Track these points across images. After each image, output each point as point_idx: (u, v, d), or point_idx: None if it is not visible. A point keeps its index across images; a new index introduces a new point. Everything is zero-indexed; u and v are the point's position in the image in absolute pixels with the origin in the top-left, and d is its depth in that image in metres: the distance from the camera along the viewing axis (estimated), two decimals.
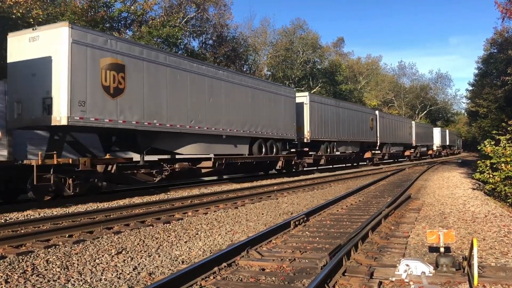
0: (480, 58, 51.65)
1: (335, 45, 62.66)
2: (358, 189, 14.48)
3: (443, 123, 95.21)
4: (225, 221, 9.02)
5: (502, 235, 7.25)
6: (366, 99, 64.68)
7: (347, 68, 59.80)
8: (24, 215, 9.62)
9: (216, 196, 13.13)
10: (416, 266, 4.86)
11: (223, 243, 6.94)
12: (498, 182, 13.82)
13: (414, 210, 10.14)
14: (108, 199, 12.28)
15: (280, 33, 49.05)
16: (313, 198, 13.02)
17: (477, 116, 51.03)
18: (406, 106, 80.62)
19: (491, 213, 9.71)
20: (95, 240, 7.08)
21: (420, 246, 6.51)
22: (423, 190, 15.10)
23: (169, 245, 6.81)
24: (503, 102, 38.38)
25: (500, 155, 13.96)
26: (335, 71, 52.80)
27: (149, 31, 22.63)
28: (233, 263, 5.49)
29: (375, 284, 4.62)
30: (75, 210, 10.28)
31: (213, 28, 36.66)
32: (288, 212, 10.29)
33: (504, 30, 36.46)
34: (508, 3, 21.96)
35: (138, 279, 5.10)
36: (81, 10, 21.59)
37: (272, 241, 6.79)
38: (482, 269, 4.98)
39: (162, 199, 12.35)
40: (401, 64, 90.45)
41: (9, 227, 7.82)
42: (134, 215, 9.28)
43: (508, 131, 14.68)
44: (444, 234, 5.35)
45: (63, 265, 5.61)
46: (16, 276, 5.11)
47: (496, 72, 40.64)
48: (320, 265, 5.20)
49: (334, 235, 7.35)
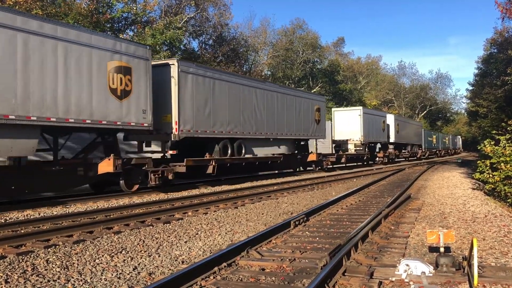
0: (480, 58, 51.69)
1: (335, 45, 62.70)
2: (358, 189, 14.48)
3: (443, 123, 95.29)
4: (225, 221, 9.02)
5: (502, 235, 7.25)
6: (366, 99, 64.69)
7: (346, 68, 59.78)
8: (24, 215, 9.62)
9: (216, 196, 13.12)
10: (416, 266, 4.86)
11: (223, 243, 6.94)
12: (498, 182, 13.84)
13: (414, 210, 10.15)
14: (108, 199, 12.29)
15: (280, 33, 49.10)
16: (313, 198, 13.02)
17: (477, 116, 51.01)
18: (406, 106, 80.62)
19: (491, 213, 9.71)
20: (95, 240, 7.08)
21: (420, 246, 6.51)
22: (423, 190, 15.10)
23: (169, 245, 6.81)
24: (503, 102, 38.36)
25: (500, 155, 13.97)
26: (334, 71, 52.82)
27: (152, 33, 22.65)
28: (233, 263, 5.49)
29: (375, 284, 4.62)
30: (75, 210, 10.28)
31: (213, 28, 36.66)
32: (288, 212, 10.29)
33: (504, 30, 36.49)
34: (508, 3, 21.99)
35: (138, 279, 5.11)
36: (86, 11, 21.59)
37: (272, 241, 6.79)
38: (482, 269, 4.98)
39: (162, 199, 12.35)
40: (401, 64, 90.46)
41: (9, 227, 7.82)
42: (134, 215, 9.28)
43: (508, 131, 14.69)
44: (444, 234, 5.35)
45: (63, 265, 5.61)
46: (16, 276, 5.11)
47: (496, 72, 40.63)
48: (320, 265, 5.20)
49: (334, 235, 7.35)
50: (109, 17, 23.69)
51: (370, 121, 33.11)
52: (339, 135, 32.34)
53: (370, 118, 33.23)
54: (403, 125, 42.85)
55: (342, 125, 32.11)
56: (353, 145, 31.90)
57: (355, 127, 31.54)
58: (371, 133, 33.38)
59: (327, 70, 52.24)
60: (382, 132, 35.74)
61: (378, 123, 35.10)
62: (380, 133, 35.36)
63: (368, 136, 32.72)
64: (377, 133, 34.78)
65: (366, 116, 32.44)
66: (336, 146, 32.45)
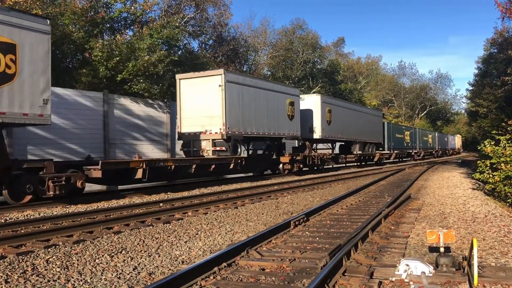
0: (480, 58, 51.69)
1: (336, 45, 62.68)
2: (358, 189, 14.48)
3: (443, 123, 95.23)
4: (225, 221, 9.02)
5: (502, 235, 7.25)
6: (366, 99, 64.69)
7: (346, 68, 59.76)
8: (24, 215, 9.62)
9: (216, 196, 13.12)
10: (416, 266, 4.86)
11: (223, 243, 6.94)
12: (498, 182, 13.84)
13: (414, 210, 10.15)
14: (108, 199, 12.29)
15: (280, 33, 49.07)
16: (313, 198, 13.02)
17: (477, 116, 50.96)
18: (406, 106, 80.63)
19: (491, 213, 9.71)
20: (95, 240, 7.08)
21: (420, 246, 6.51)
22: (423, 190, 15.10)
23: (169, 245, 6.81)
24: (503, 102, 38.38)
25: (500, 155, 13.98)
26: (335, 71, 52.80)
27: (150, 33, 22.62)
28: (233, 263, 5.49)
29: (375, 284, 4.62)
30: (75, 210, 10.28)
31: (213, 28, 36.65)
32: (288, 212, 10.29)
33: (504, 30, 36.50)
34: (508, 2, 21.98)
35: (138, 279, 5.10)
36: (81, 11, 21.57)
37: (272, 241, 6.79)
38: (482, 269, 4.98)
39: (162, 199, 12.35)
40: (401, 64, 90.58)
41: (9, 227, 7.82)
42: (134, 215, 9.28)
43: (508, 131, 14.70)
44: (444, 234, 5.35)
45: (63, 265, 5.61)
46: (16, 276, 5.11)
47: (496, 72, 40.64)
48: (320, 265, 5.20)
49: (334, 235, 7.35)
50: (107, 17, 23.66)
51: (249, 98, 18.98)
52: (187, 124, 18.46)
53: (248, 93, 18.96)
54: (344, 112, 28.50)
55: (193, 106, 18.34)
56: (210, 142, 17.58)
57: (213, 108, 17.72)
58: (256, 120, 19.55)
59: (327, 70, 52.23)
60: (288, 121, 22.17)
61: (276, 104, 21.07)
62: (284, 122, 21.84)
63: (243, 124, 18.61)
64: (278, 122, 21.21)
65: (236, 87, 18.26)
66: (184, 145, 18.58)
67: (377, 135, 35.41)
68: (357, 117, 31.09)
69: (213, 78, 17.95)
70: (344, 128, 28.41)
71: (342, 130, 28.05)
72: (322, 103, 25.37)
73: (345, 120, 28.61)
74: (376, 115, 36.78)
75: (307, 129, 24.68)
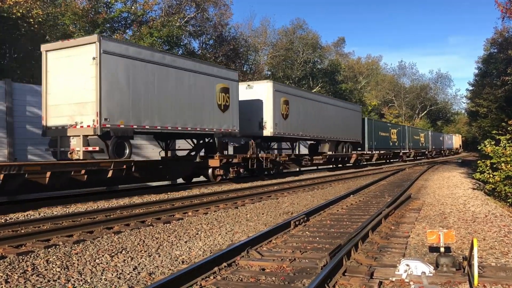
0: (480, 58, 51.74)
1: (336, 45, 62.68)
2: (358, 189, 14.48)
3: (443, 123, 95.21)
4: (225, 221, 9.02)
5: (502, 235, 7.25)
6: (366, 99, 64.69)
7: (346, 68, 59.74)
8: (24, 215, 9.61)
9: (216, 196, 13.12)
10: (416, 266, 4.85)
11: (223, 243, 6.93)
12: (498, 182, 13.83)
13: (414, 210, 10.14)
14: (108, 199, 12.28)
15: (280, 33, 49.09)
16: (313, 198, 13.02)
17: (477, 116, 50.98)
18: (406, 106, 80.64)
19: (491, 213, 9.71)
20: (95, 240, 7.08)
21: (420, 246, 6.51)
22: (423, 190, 15.09)
23: (169, 245, 6.80)
24: (503, 102, 38.38)
25: (500, 155, 13.98)
26: (335, 71, 52.79)
27: (150, 31, 22.64)
28: (233, 263, 5.48)
29: (375, 284, 4.61)
30: (75, 210, 10.28)
31: (213, 28, 36.66)
32: (288, 212, 10.28)
33: (504, 30, 36.51)
34: (508, 2, 21.96)
35: (138, 279, 5.10)
36: (81, 11, 21.59)
37: (272, 241, 6.78)
38: (482, 269, 4.98)
39: (162, 199, 12.35)
40: (401, 64, 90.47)
41: (9, 227, 7.82)
42: (134, 215, 9.28)
43: (508, 131, 14.69)
44: (444, 234, 5.35)
45: (63, 265, 5.60)
46: (16, 276, 5.11)
47: (496, 72, 40.64)
48: (320, 265, 5.20)
49: (334, 235, 7.35)
50: (107, 17, 23.68)
51: (150, 78, 13.84)
52: (54, 115, 13.12)
53: (147, 70, 13.74)
54: (307, 105, 23.44)
55: (62, 89, 13.02)
56: (81, 140, 12.45)
57: (85, 91, 12.54)
58: (162, 109, 14.31)
59: (327, 70, 52.22)
60: (219, 113, 16.89)
61: (201, 90, 15.99)
62: (213, 114, 16.59)
63: (137, 114, 13.43)
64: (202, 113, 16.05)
65: (123, 61, 13.02)
66: (52, 143, 13.39)
67: (354, 133, 30.23)
68: (326, 111, 25.84)
69: (85, 48, 12.59)
70: (308, 124, 23.34)
71: (304, 127, 22.95)
72: (275, 91, 20.28)
73: (310, 115, 23.62)
74: (353, 110, 31.19)
75: (256, 125, 19.94)
